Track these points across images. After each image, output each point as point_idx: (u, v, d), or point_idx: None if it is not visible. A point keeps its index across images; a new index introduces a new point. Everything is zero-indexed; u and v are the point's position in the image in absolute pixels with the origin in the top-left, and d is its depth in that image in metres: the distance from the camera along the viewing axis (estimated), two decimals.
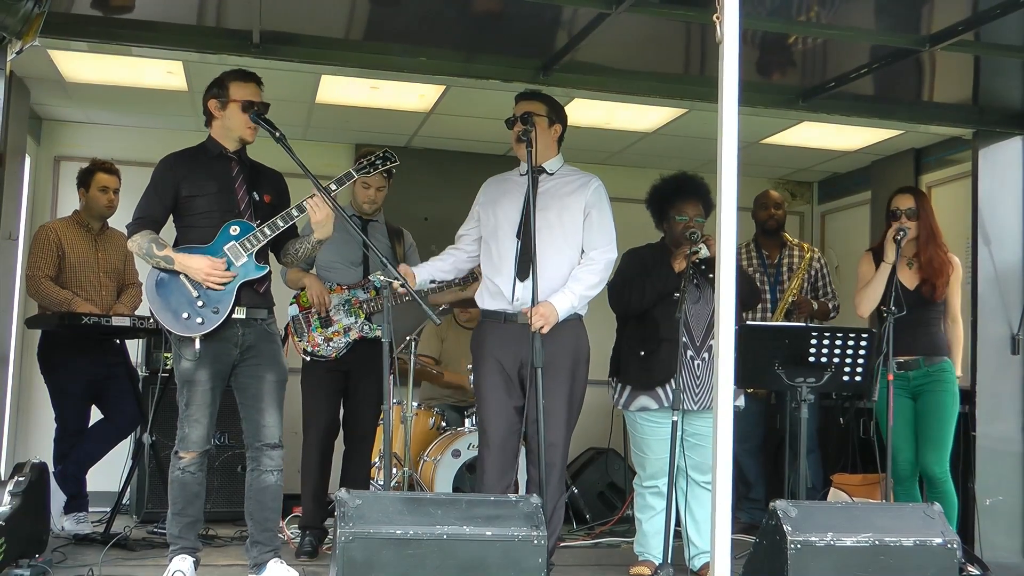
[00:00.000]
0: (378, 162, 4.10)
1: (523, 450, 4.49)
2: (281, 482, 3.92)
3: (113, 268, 5.30)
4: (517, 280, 4.10)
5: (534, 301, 3.91)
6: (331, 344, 4.74)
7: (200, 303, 3.78)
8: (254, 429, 3.89)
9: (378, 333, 4.78)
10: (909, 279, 4.76)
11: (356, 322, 4.77)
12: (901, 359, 4.67)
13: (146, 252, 3.81)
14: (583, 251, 4.21)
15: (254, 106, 3.89)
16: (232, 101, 3.89)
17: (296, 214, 3.87)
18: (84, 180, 5.29)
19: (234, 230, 3.84)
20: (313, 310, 4.75)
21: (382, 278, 3.78)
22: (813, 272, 5.88)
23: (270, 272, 3.94)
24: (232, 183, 3.91)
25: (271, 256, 4.05)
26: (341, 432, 4.88)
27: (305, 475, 4.77)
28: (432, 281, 4.50)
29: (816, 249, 6.03)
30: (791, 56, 5.00)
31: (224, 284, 3.78)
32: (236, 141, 3.95)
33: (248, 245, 3.83)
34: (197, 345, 3.77)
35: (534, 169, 4.03)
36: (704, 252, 4.27)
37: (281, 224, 3.86)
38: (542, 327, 3.94)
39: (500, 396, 4.12)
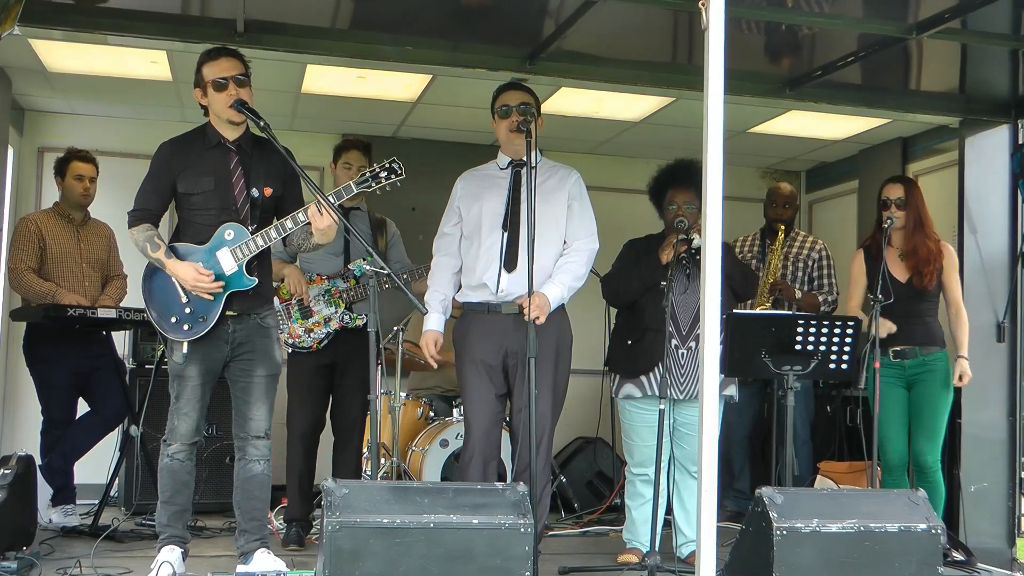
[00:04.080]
0: (382, 174, 3.89)
1: (508, 438, 4.51)
2: (268, 472, 3.90)
3: (96, 259, 5.27)
4: (503, 272, 4.11)
5: (530, 292, 3.91)
6: (312, 335, 4.72)
7: (188, 310, 3.75)
8: (242, 421, 3.88)
9: (359, 322, 4.77)
10: (900, 271, 4.78)
11: (336, 312, 4.75)
12: (897, 348, 4.69)
13: (142, 250, 3.79)
14: (565, 242, 4.23)
15: (227, 82, 3.77)
16: (207, 83, 3.81)
17: (290, 226, 3.77)
18: (60, 169, 5.25)
19: (228, 234, 3.77)
20: (293, 301, 4.72)
21: (367, 267, 3.76)
22: (811, 261, 5.86)
23: (261, 281, 3.85)
24: (229, 177, 3.82)
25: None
26: (329, 424, 4.87)
27: (290, 468, 4.76)
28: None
29: (820, 240, 6.01)
30: (778, 44, 5.00)
31: (212, 294, 3.73)
32: (230, 126, 3.85)
33: (239, 254, 3.77)
34: (185, 348, 3.75)
35: (530, 160, 3.96)
36: (697, 241, 4.27)
37: (274, 235, 3.78)
38: (537, 317, 3.95)
39: (483, 386, 4.13)
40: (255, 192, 3.84)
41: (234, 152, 3.87)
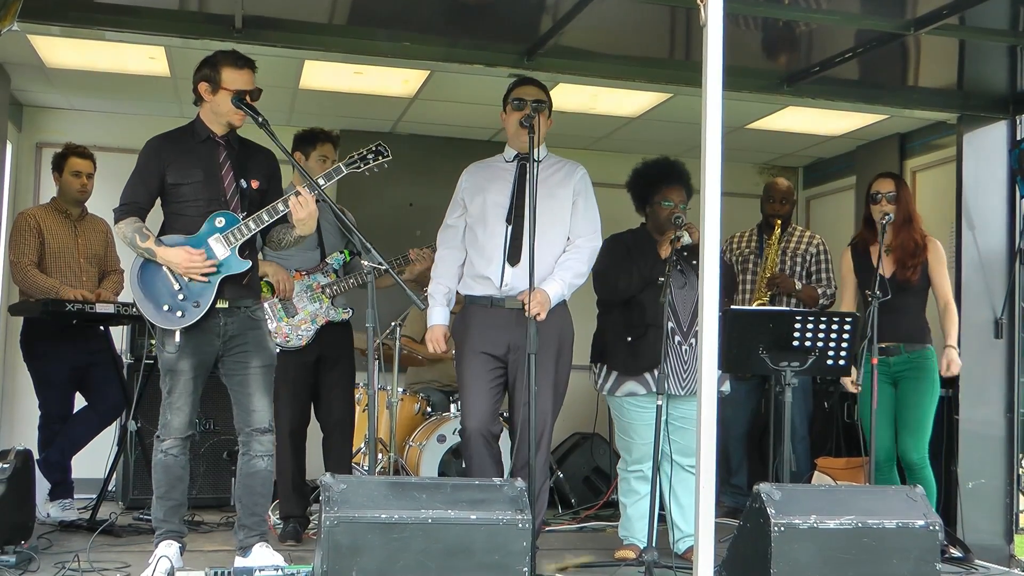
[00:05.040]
0: (369, 156, 3.96)
1: (507, 434, 4.51)
2: (271, 468, 3.91)
3: (94, 254, 5.28)
4: (507, 265, 4.11)
5: (531, 287, 3.91)
6: (299, 332, 4.71)
7: (181, 296, 3.75)
8: (244, 415, 3.88)
9: (344, 316, 4.79)
10: (886, 266, 4.78)
11: (321, 307, 4.74)
12: (882, 345, 4.70)
13: (130, 242, 3.79)
14: (568, 238, 4.23)
15: (246, 95, 3.82)
16: (223, 89, 3.82)
17: (282, 208, 3.81)
18: (58, 164, 5.26)
19: (219, 222, 3.79)
20: (276, 299, 4.69)
21: (366, 264, 3.76)
22: (808, 256, 5.88)
23: (253, 265, 3.90)
24: (218, 170, 3.86)
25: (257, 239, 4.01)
26: (317, 421, 4.87)
27: (280, 467, 4.72)
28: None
29: (817, 235, 6.02)
30: (776, 40, 5.00)
31: (206, 275, 3.74)
32: (224, 125, 3.89)
33: (232, 239, 3.78)
34: (178, 338, 3.75)
35: (535, 155, 3.99)
36: (686, 239, 4.28)
37: (267, 218, 3.81)
38: (538, 313, 3.95)
39: (483, 381, 4.13)
40: (243, 183, 3.87)
41: (223, 146, 3.91)
